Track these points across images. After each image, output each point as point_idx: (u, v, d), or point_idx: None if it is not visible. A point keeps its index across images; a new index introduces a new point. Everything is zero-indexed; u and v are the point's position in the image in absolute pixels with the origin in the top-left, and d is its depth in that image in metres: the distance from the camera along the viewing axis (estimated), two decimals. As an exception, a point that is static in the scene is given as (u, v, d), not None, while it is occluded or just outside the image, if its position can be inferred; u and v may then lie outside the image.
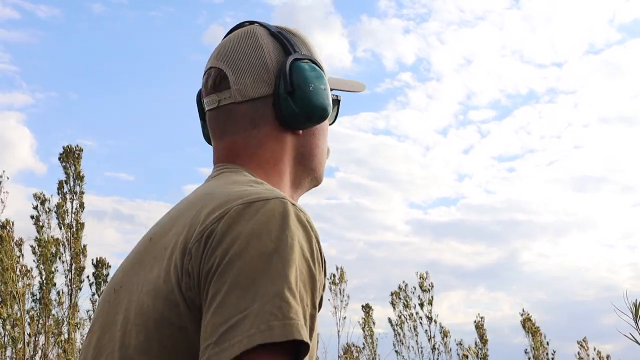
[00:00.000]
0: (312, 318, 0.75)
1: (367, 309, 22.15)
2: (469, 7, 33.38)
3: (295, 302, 0.71)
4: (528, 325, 21.75)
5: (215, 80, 0.99)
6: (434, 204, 34.94)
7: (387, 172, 32.71)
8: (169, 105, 32.19)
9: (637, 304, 2.15)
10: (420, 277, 22.09)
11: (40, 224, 17.20)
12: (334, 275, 21.36)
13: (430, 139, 32.75)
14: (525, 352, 21.40)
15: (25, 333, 15.74)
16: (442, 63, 33.84)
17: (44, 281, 16.69)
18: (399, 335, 21.58)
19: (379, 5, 34.19)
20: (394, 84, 32.31)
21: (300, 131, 0.99)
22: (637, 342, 2.12)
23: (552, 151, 34.57)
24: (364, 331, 21.68)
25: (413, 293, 22.05)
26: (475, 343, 21.36)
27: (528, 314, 22.08)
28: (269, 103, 0.96)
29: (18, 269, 16.02)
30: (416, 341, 21.50)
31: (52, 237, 17.13)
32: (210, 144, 1.06)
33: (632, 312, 2.14)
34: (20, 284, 15.90)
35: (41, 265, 16.68)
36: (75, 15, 30.27)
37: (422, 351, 21.30)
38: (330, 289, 21.15)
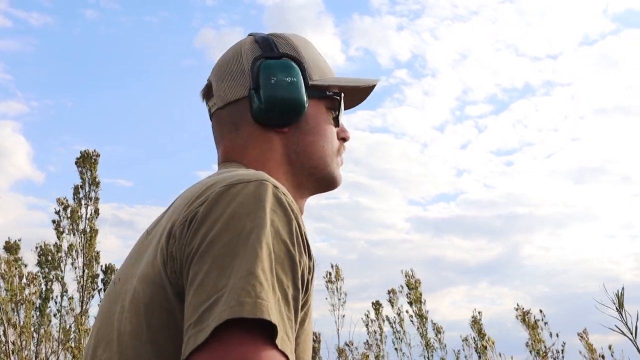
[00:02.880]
0: (295, 300, 0.75)
1: (377, 306, 22.12)
2: (462, 2, 33.48)
3: (267, 284, 0.70)
4: (527, 318, 21.92)
5: (204, 90, 1.06)
6: (433, 200, 35.00)
7: (386, 170, 32.84)
8: (165, 110, 32.29)
9: (620, 294, 2.24)
10: (406, 275, 22.09)
11: (61, 229, 17.16)
12: (330, 274, 21.41)
13: (428, 135, 32.86)
14: (527, 345, 21.60)
15: (31, 342, 15.71)
16: (437, 59, 33.90)
17: (45, 288, 16.71)
18: (399, 332, 21.72)
19: (371, 3, 34.30)
20: (389, 81, 32.30)
21: (286, 129, 0.99)
22: (622, 333, 2.22)
23: (550, 144, 34.79)
24: (367, 328, 21.75)
25: (400, 292, 22.15)
26: (474, 338, 21.47)
27: (523, 309, 22.18)
28: (246, 104, 0.98)
29: (24, 277, 15.97)
30: (422, 338, 21.50)
31: (57, 244, 17.15)
32: None
33: (614, 303, 2.24)
34: (27, 291, 15.95)
35: (43, 272, 16.68)
36: (68, 22, 30.28)
37: (425, 347, 21.40)
38: (327, 288, 21.20)
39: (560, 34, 34.08)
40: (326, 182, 1.04)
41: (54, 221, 17.27)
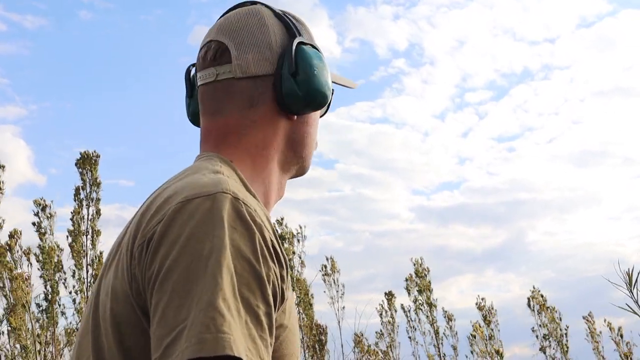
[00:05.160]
0: (269, 316, 0.73)
1: (389, 296, 22.13)
2: (458, -11, 33.39)
3: (229, 315, 0.68)
4: (536, 301, 22.02)
5: (216, 53, 0.96)
6: (436, 189, 34.91)
7: (388, 160, 32.69)
8: (164, 108, 32.20)
9: (630, 273, 2.24)
10: (415, 263, 22.17)
11: (42, 230, 17.08)
12: (325, 267, 21.49)
13: (429, 124, 32.63)
14: (533, 331, 21.68)
15: (36, 343, 15.79)
16: (434, 47, 33.67)
17: (49, 290, 16.78)
18: (413, 321, 21.76)
19: (365, -6, 34.12)
20: (388, 71, 32.17)
21: (295, 117, 0.97)
22: (633, 311, 2.22)
23: (551, 128, 34.58)
24: (381, 318, 21.80)
25: (408, 281, 22.28)
26: (479, 325, 21.57)
27: (538, 290, 22.32)
28: (270, 83, 0.94)
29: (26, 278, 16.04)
30: (432, 326, 21.68)
31: (56, 243, 17.12)
32: (196, 124, 1.04)
33: (625, 282, 2.24)
34: (32, 295, 16.02)
35: (46, 274, 16.69)
36: (63, 24, 30.04)
37: (436, 335, 21.50)
38: (325, 281, 21.30)
39: (557, 17, 33.94)
40: (303, 170, 1.05)
41: (34, 223, 17.17)
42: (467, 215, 32.42)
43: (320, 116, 1.07)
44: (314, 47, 0.99)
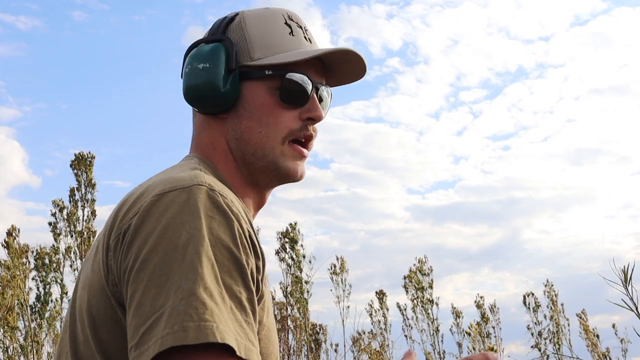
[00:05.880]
0: (251, 302, 0.74)
1: (381, 295, 22.28)
2: (452, -13, 33.40)
3: (211, 302, 0.68)
4: (530, 300, 22.12)
5: None
6: (432, 188, 35.01)
7: (383, 159, 32.73)
8: (159, 108, 32.18)
9: (626, 269, 2.19)
10: (419, 262, 22.26)
11: (58, 231, 17.16)
12: (335, 266, 21.56)
13: (423, 123, 32.74)
14: (528, 328, 21.77)
15: (33, 342, 15.75)
16: (429, 46, 33.82)
17: (43, 291, 16.74)
18: (410, 319, 21.83)
19: (358, -7, 34.13)
20: (382, 70, 32.15)
21: (225, 115, 0.95)
22: (629, 308, 2.17)
23: (546, 126, 34.67)
24: (371, 318, 21.87)
25: (409, 279, 22.33)
26: (478, 323, 21.66)
27: (552, 285, 22.44)
28: None
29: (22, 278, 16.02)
30: (428, 324, 21.76)
31: (54, 246, 17.07)
32: None
33: (620, 279, 2.19)
34: (32, 296, 16.02)
35: (41, 274, 16.66)
36: (57, 25, 29.99)
37: (436, 332, 21.56)
38: (332, 280, 21.37)
39: (551, 15, 34.08)
40: (272, 172, 0.95)
41: (50, 223, 17.29)
42: (463, 214, 32.49)
43: (286, 99, 0.94)
44: (218, 40, 0.95)
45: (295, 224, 20.45)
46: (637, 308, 2.17)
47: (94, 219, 17.54)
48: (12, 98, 29.52)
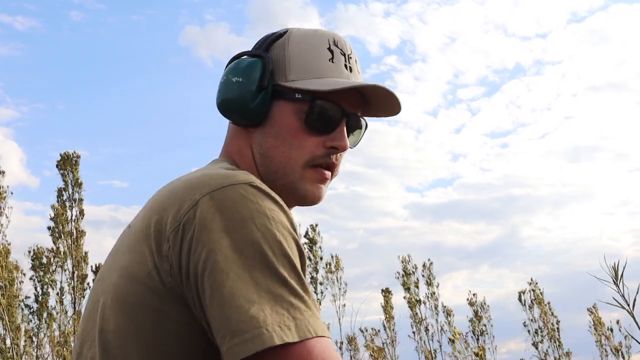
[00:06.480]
0: (308, 286, 0.78)
1: (386, 293, 22.30)
2: (449, -15, 33.29)
3: (297, 299, 0.73)
4: (525, 297, 22.08)
5: None
6: (430, 186, 35.10)
7: (382, 158, 32.81)
8: (157, 108, 32.13)
9: (616, 266, 2.19)
10: (402, 261, 22.47)
11: (57, 235, 17.19)
12: (329, 264, 21.48)
13: (421, 121, 32.81)
14: (525, 325, 21.69)
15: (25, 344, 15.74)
16: (426, 44, 33.90)
17: (40, 292, 16.72)
18: (416, 316, 21.80)
19: (356, -9, 33.97)
20: (380, 68, 32.31)
21: (253, 129, 0.98)
22: (620, 306, 2.17)
23: (544, 123, 34.76)
24: (385, 313, 21.83)
25: (400, 276, 22.26)
26: (472, 321, 21.60)
27: (536, 283, 22.38)
28: None
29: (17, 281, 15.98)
30: (436, 320, 21.79)
31: (51, 248, 17.13)
32: None
33: (611, 276, 2.19)
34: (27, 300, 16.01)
35: (38, 275, 16.70)
36: (55, 25, 30.10)
37: (426, 331, 21.51)
38: (327, 278, 21.30)
39: (548, 12, 34.01)
40: (290, 193, 0.97)
41: (49, 227, 17.34)
42: (461, 212, 32.51)
43: (312, 124, 0.95)
44: (259, 55, 0.98)
45: (316, 225, 20.43)
46: (628, 305, 2.14)
47: (82, 219, 17.58)
48: (9, 98, 29.58)
